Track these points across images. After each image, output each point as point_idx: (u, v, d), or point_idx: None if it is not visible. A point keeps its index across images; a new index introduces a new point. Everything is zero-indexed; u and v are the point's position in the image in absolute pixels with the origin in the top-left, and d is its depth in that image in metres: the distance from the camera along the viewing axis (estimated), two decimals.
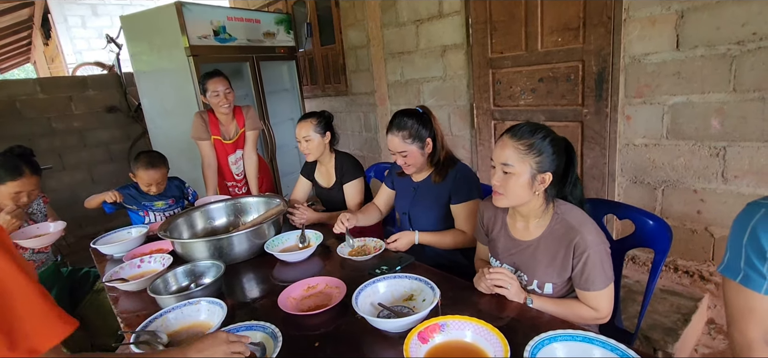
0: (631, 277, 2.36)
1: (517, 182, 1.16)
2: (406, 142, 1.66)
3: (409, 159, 1.68)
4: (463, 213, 1.67)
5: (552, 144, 1.16)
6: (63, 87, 4.25)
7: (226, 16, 3.41)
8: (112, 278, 1.51)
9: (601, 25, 2.35)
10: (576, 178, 1.25)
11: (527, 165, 1.15)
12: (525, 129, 1.17)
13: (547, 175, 1.16)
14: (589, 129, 2.52)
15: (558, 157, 1.17)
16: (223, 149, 2.62)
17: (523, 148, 1.15)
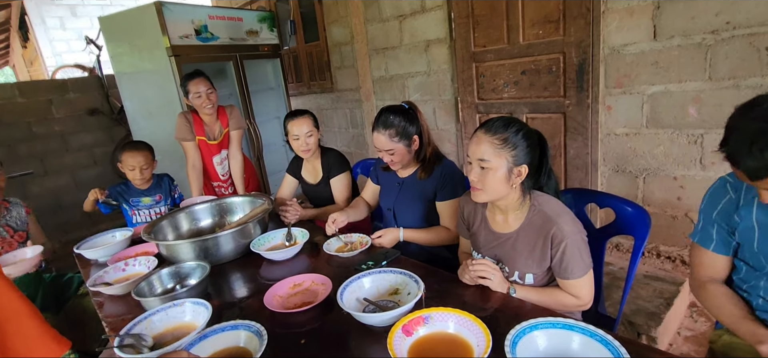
0: (615, 264, 2.41)
1: (494, 176, 1.17)
2: (393, 141, 1.65)
3: (396, 157, 1.68)
4: (448, 210, 1.68)
5: (526, 137, 1.18)
6: (43, 90, 4.17)
7: (207, 15, 3.37)
8: (96, 282, 1.50)
9: (580, 17, 2.38)
10: (550, 169, 1.27)
11: (503, 159, 1.16)
12: (498, 123, 1.19)
13: (523, 167, 1.18)
14: (571, 120, 2.56)
15: (532, 150, 1.19)
16: (207, 150, 2.60)
17: (498, 142, 1.16)
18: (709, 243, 1.14)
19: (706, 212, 1.15)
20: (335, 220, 1.71)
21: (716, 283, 1.15)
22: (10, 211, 2.11)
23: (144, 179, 2.32)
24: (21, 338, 0.58)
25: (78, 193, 4.33)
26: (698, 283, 1.18)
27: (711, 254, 1.14)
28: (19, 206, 2.18)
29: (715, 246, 1.13)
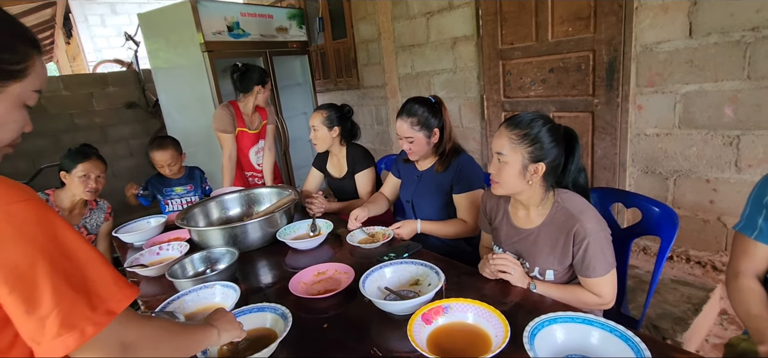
0: (641, 267, 2.35)
1: (509, 171, 1.19)
2: (413, 129, 1.69)
3: (414, 146, 1.71)
4: (464, 203, 1.69)
5: (550, 133, 1.18)
6: (85, 84, 4.39)
7: (239, 12, 3.47)
8: (133, 264, 1.59)
9: (612, 13, 2.33)
10: (579, 166, 1.26)
11: (519, 155, 1.17)
12: (521, 119, 1.20)
13: (540, 165, 1.18)
14: (599, 119, 2.51)
15: (556, 147, 1.19)
16: (247, 140, 2.69)
17: (516, 138, 1.17)
18: (752, 231, 1.08)
19: (755, 199, 1.09)
20: (357, 216, 1.75)
21: (750, 277, 1.09)
22: (93, 213, 2.21)
23: (173, 172, 2.42)
24: (103, 284, 0.63)
25: (115, 182, 4.53)
26: (733, 273, 1.12)
27: (752, 242, 1.08)
28: (103, 210, 2.26)
29: (758, 234, 1.06)
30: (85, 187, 2.01)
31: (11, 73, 0.66)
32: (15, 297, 0.58)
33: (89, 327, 0.60)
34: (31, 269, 0.58)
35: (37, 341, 0.59)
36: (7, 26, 0.66)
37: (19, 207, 0.59)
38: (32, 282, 0.58)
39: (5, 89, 0.66)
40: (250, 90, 2.56)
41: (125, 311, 0.66)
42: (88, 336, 0.60)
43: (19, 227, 0.58)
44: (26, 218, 0.59)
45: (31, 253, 0.58)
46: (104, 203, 2.27)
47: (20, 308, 0.58)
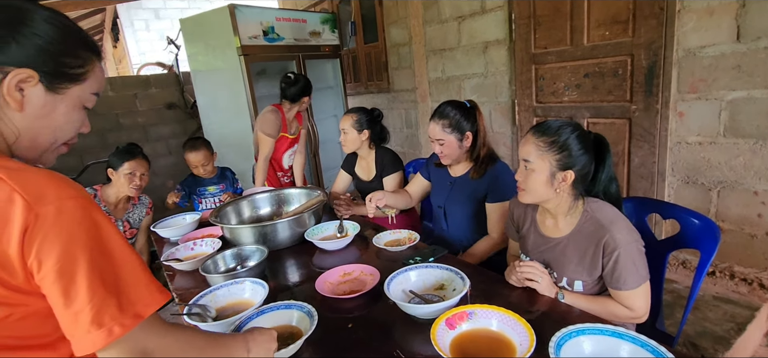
0: (680, 282, 2.25)
1: (536, 178, 1.16)
2: (445, 131, 1.69)
3: (445, 149, 1.71)
4: (497, 213, 1.67)
5: (579, 140, 1.15)
6: (129, 85, 4.62)
7: (275, 17, 3.57)
8: (168, 258, 1.66)
9: (652, 16, 2.25)
10: (611, 175, 1.22)
11: (547, 162, 1.15)
12: (549, 125, 1.17)
13: (569, 173, 1.15)
14: (637, 126, 2.42)
15: (585, 154, 1.16)
16: (285, 144, 2.82)
17: (543, 145, 1.15)
18: None
19: None
20: (373, 199, 1.77)
21: None
22: (136, 209, 2.34)
23: (207, 172, 2.52)
24: (135, 287, 0.67)
25: (155, 179, 4.72)
26: None
27: None
28: (144, 205, 2.39)
29: None
30: (131, 184, 2.13)
31: (72, 76, 0.71)
32: (56, 288, 0.61)
33: (116, 327, 0.63)
34: (72, 264, 0.61)
35: (71, 334, 0.63)
36: (70, 33, 0.70)
37: (69, 204, 0.63)
38: (71, 277, 0.61)
39: (66, 91, 0.71)
40: (298, 100, 2.70)
41: (152, 317, 0.68)
42: (115, 336, 0.62)
43: (66, 223, 0.62)
44: (74, 215, 0.63)
45: (74, 249, 0.62)
46: (145, 199, 2.39)
47: (60, 300, 0.62)
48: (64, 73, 0.70)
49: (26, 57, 0.65)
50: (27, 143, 0.71)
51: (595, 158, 1.19)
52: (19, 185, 0.60)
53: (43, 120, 0.70)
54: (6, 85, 0.65)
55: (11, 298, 0.63)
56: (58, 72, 0.69)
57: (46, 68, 0.67)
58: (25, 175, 0.61)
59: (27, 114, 0.68)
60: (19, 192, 0.59)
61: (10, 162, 0.64)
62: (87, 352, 0.63)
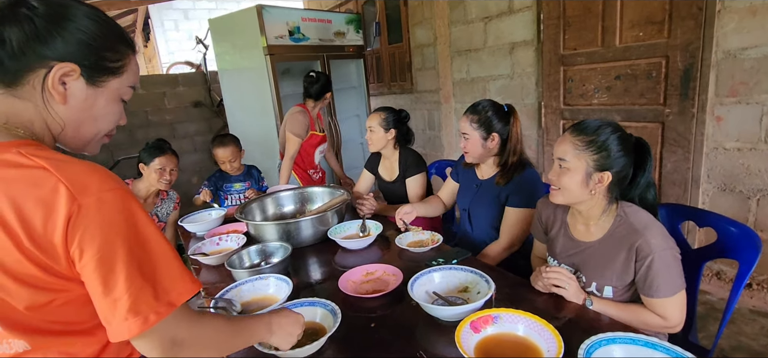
0: (714, 294, 2.15)
1: (571, 178, 1.13)
2: (471, 126, 1.68)
3: (468, 144, 1.70)
4: (512, 218, 1.64)
5: (619, 142, 1.11)
6: (159, 84, 4.75)
7: (300, 17, 3.61)
8: (195, 252, 1.70)
9: (690, 17, 2.17)
10: (649, 181, 1.18)
11: (583, 162, 1.11)
12: (587, 125, 1.14)
13: (606, 174, 1.11)
14: (671, 130, 2.34)
15: (625, 157, 1.12)
16: (316, 141, 2.89)
17: (581, 144, 1.12)
18: None
19: None
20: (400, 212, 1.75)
21: None
22: (164, 203, 2.41)
23: (234, 168, 2.57)
24: (169, 276, 0.69)
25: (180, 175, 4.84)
26: None
27: None
28: (172, 199, 2.46)
29: None
30: (161, 178, 2.19)
31: (111, 69, 0.73)
32: (96, 276, 0.63)
33: (152, 315, 0.65)
34: (111, 253, 0.63)
35: (109, 321, 0.65)
36: (109, 28, 0.73)
37: (109, 196, 0.65)
38: (111, 266, 0.63)
39: (105, 84, 0.73)
40: (322, 97, 2.79)
41: (182, 307, 0.70)
42: (150, 323, 0.64)
43: (107, 213, 0.64)
44: (114, 206, 0.65)
45: (113, 239, 0.64)
46: (173, 194, 2.45)
47: (99, 288, 0.64)
48: (104, 66, 0.72)
49: (69, 51, 0.67)
50: (71, 134, 0.74)
51: (634, 162, 1.15)
52: (63, 176, 0.62)
53: (85, 112, 0.73)
54: (51, 79, 0.67)
55: (55, 284, 0.65)
56: (99, 66, 0.71)
57: (87, 62, 0.69)
58: (69, 167, 0.63)
59: (70, 106, 0.71)
60: (63, 183, 0.61)
61: (56, 154, 0.66)
62: (123, 339, 0.65)
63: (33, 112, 0.69)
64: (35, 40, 0.65)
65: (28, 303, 0.65)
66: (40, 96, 0.68)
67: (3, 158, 0.62)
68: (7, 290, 0.64)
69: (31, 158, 0.63)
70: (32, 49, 0.65)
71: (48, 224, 0.61)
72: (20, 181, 0.61)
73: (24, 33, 0.64)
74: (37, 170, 0.62)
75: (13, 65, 0.65)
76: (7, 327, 0.66)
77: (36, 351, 0.69)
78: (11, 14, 0.64)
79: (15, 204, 0.60)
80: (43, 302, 0.66)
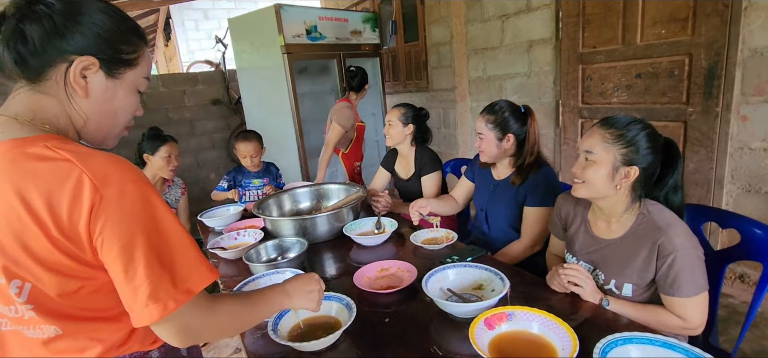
0: (736, 297, 2.10)
1: (597, 171, 1.11)
2: (487, 126, 1.67)
3: (483, 144, 1.69)
4: (532, 217, 1.63)
5: (648, 138, 1.09)
6: (179, 82, 4.85)
7: (318, 16, 3.63)
8: (214, 246, 1.73)
9: (715, 14, 2.11)
10: (677, 183, 1.15)
11: (611, 155, 1.10)
12: (619, 119, 1.12)
13: (633, 169, 1.09)
14: (693, 130, 2.28)
15: (653, 155, 1.10)
16: (363, 132, 3.10)
17: (610, 137, 1.10)
18: None
19: None
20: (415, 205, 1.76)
21: None
22: (171, 190, 2.50)
23: (254, 165, 2.60)
24: (187, 264, 0.71)
25: (199, 171, 4.97)
26: None
27: None
28: (178, 186, 2.55)
29: None
30: (168, 166, 2.28)
31: (127, 61, 0.76)
32: (118, 265, 0.66)
33: (171, 302, 0.67)
34: (131, 242, 0.66)
35: (131, 307, 0.68)
36: (123, 20, 0.75)
37: (130, 187, 0.67)
38: (131, 254, 0.66)
39: (122, 76, 0.76)
40: (362, 89, 3.05)
41: (199, 295, 0.72)
42: (170, 310, 0.67)
43: (127, 204, 0.66)
44: (135, 197, 0.67)
45: (133, 229, 0.66)
46: (179, 180, 2.56)
47: (121, 275, 0.66)
48: (121, 59, 0.74)
49: (87, 45, 0.70)
50: (94, 127, 0.77)
51: (662, 163, 1.13)
52: (87, 168, 0.64)
53: (106, 105, 0.76)
54: (72, 72, 0.70)
55: (82, 272, 0.68)
56: (116, 58, 0.74)
57: (104, 55, 0.72)
58: (92, 159, 0.66)
59: (92, 100, 0.74)
60: (87, 174, 0.64)
61: (79, 147, 0.69)
62: (144, 324, 0.67)
63: (58, 107, 0.72)
64: (55, 35, 0.67)
65: (59, 291, 0.68)
66: (63, 91, 0.71)
67: (31, 152, 0.65)
68: (40, 279, 0.67)
69: (57, 151, 0.65)
70: (52, 44, 0.68)
71: (73, 214, 0.64)
72: (48, 173, 0.64)
73: (44, 29, 0.66)
74: (63, 162, 0.65)
75: (35, 62, 0.68)
76: (41, 313, 0.70)
77: (67, 336, 0.72)
78: (30, 12, 0.66)
79: (44, 195, 0.63)
80: (72, 290, 0.69)
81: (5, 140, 0.67)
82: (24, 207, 0.63)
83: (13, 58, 0.67)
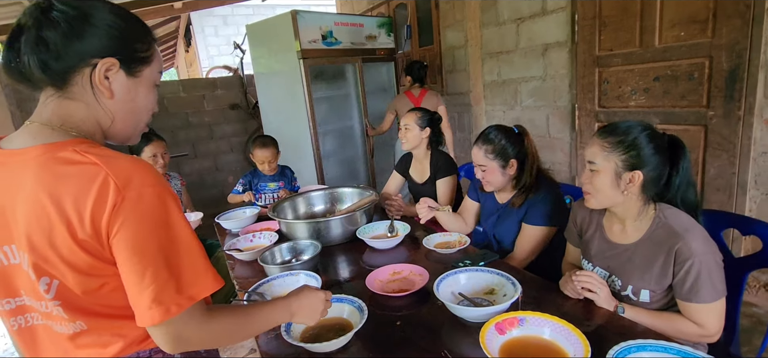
0: (761, 306, 2.04)
1: (601, 180, 1.11)
2: (487, 157, 1.63)
3: (487, 175, 1.65)
4: (527, 234, 1.60)
5: (649, 140, 1.09)
6: (199, 87, 4.96)
7: (333, 22, 3.67)
8: (230, 248, 1.77)
9: (736, 16, 2.07)
10: (687, 180, 1.14)
11: (612, 163, 1.09)
12: (615, 126, 1.12)
13: (636, 174, 1.08)
14: (714, 134, 2.23)
15: (656, 155, 1.09)
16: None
17: (608, 145, 1.10)
18: None
19: None
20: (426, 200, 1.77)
21: None
22: (170, 182, 2.58)
23: (271, 169, 2.65)
24: (193, 271, 0.73)
25: (218, 175, 5.06)
26: None
27: None
28: (176, 179, 2.65)
29: None
30: (156, 164, 2.34)
31: (143, 59, 0.79)
32: (128, 265, 0.69)
33: (173, 306, 0.69)
34: (144, 245, 0.68)
35: (136, 306, 0.70)
36: (134, 20, 0.78)
37: (148, 191, 0.70)
38: (142, 256, 0.68)
39: (141, 73, 0.79)
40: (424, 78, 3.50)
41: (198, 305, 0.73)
42: (171, 313, 0.69)
43: (144, 208, 0.69)
44: (151, 201, 0.70)
45: (147, 233, 0.69)
46: (175, 174, 2.64)
47: (130, 276, 0.69)
48: (137, 57, 0.78)
49: (105, 47, 0.73)
50: (120, 126, 0.80)
51: (670, 162, 1.11)
52: (111, 170, 0.68)
53: (130, 103, 0.79)
54: (97, 74, 0.73)
55: (104, 269, 0.71)
56: (133, 57, 0.77)
57: (122, 55, 0.75)
58: (116, 162, 0.69)
59: (117, 99, 0.77)
60: (112, 176, 0.67)
61: (105, 150, 0.72)
62: (146, 325, 0.70)
63: (84, 111, 0.75)
64: (74, 38, 0.70)
65: (83, 288, 0.72)
66: (90, 94, 0.74)
67: (61, 156, 0.69)
68: (65, 276, 0.71)
69: (85, 155, 0.69)
70: (72, 47, 0.71)
71: (97, 213, 0.67)
72: (76, 176, 0.68)
73: (62, 33, 0.70)
74: (90, 166, 0.68)
75: (58, 66, 0.71)
76: (67, 310, 0.73)
77: (91, 332, 0.76)
78: (45, 19, 0.69)
79: (73, 197, 0.67)
80: (95, 287, 0.72)
81: (37, 145, 0.71)
82: (55, 208, 0.67)
83: (39, 66, 0.70)
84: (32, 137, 0.72)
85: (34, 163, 0.69)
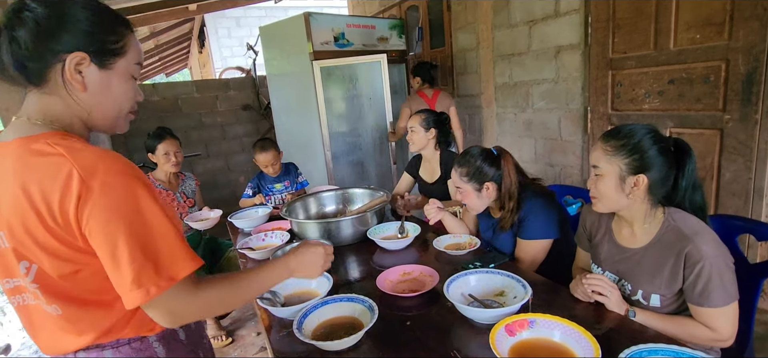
0: None
1: (605, 184, 1.12)
2: (462, 180, 1.62)
3: (464, 198, 1.63)
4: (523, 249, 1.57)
5: (652, 143, 1.08)
6: (212, 88, 5.02)
7: (345, 24, 3.70)
8: (242, 247, 1.80)
9: (754, 18, 2.03)
10: (695, 182, 1.13)
11: (615, 166, 1.09)
12: (618, 130, 1.13)
13: (641, 177, 1.08)
14: (730, 138, 2.20)
15: (661, 158, 1.08)
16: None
17: (611, 149, 1.10)
18: None
19: None
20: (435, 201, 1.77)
21: None
22: (185, 182, 2.63)
23: (274, 170, 2.68)
24: (170, 254, 0.76)
25: (229, 175, 5.12)
26: None
27: None
28: (191, 179, 2.69)
29: None
30: (169, 162, 2.40)
31: (115, 51, 0.80)
32: (104, 251, 0.72)
33: (153, 288, 0.72)
34: (114, 231, 0.71)
35: (120, 289, 0.74)
36: (105, 13, 0.80)
37: (115, 179, 0.72)
38: (115, 242, 0.71)
39: (113, 65, 0.80)
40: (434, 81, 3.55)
41: (184, 281, 0.76)
42: (152, 295, 0.72)
43: (111, 196, 0.71)
44: (117, 190, 0.72)
45: (116, 219, 0.71)
46: (190, 175, 2.69)
47: (108, 262, 0.72)
48: (108, 49, 0.79)
49: (75, 42, 0.75)
50: (99, 117, 0.83)
51: (676, 165, 1.11)
52: (76, 162, 0.71)
53: (104, 95, 0.81)
54: (67, 70, 0.75)
55: (76, 257, 0.75)
56: (103, 49, 0.79)
57: (92, 48, 0.77)
58: (82, 154, 0.72)
59: (90, 92, 0.79)
60: (76, 168, 0.70)
61: (75, 142, 0.75)
62: (131, 307, 0.74)
63: (61, 105, 0.78)
64: (45, 36, 0.73)
65: (58, 273, 0.75)
66: (64, 89, 0.77)
67: (33, 148, 0.73)
68: (42, 261, 0.75)
69: (54, 147, 0.72)
70: (44, 45, 0.73)
71: (64, 204, 0.70)
72: (44, 167, 0.71)
73: (32, 33, 0.72)
74: (57, 157, 0.71)
75: (33, 65, 0.74)
76: (45, 293, 0.77)
77: (66, 317, 0.79)
78: (17, 19, 0.72)
79: (40, 187, 0.70)
80: (69, 272, 0.76)
81: (15, 139, 0.75)
82: (25, 198, 0.71)
83: (14, 65, 0.74)
84: (15, 131, 0.76)
85: (12, 155, 0.73)
